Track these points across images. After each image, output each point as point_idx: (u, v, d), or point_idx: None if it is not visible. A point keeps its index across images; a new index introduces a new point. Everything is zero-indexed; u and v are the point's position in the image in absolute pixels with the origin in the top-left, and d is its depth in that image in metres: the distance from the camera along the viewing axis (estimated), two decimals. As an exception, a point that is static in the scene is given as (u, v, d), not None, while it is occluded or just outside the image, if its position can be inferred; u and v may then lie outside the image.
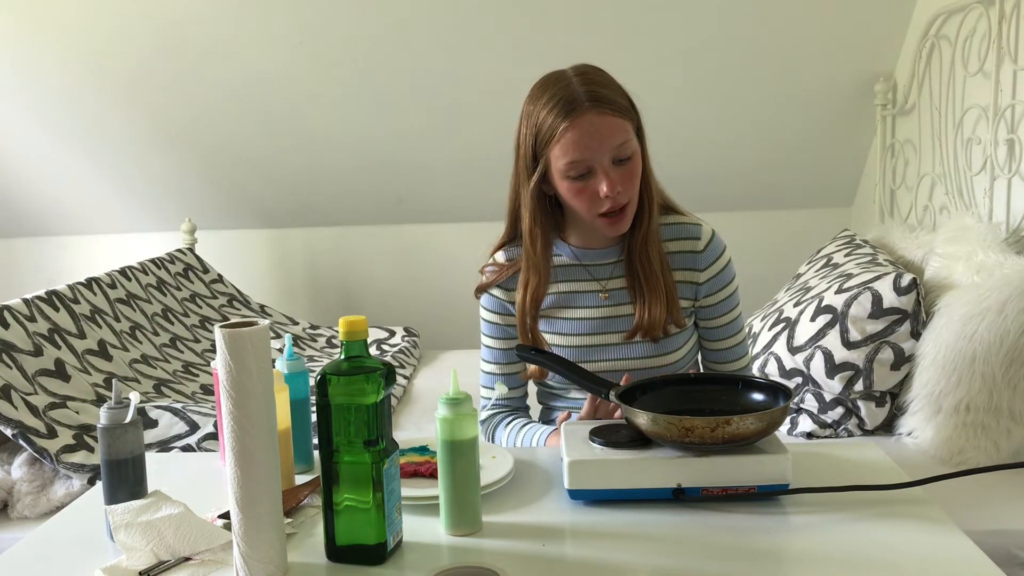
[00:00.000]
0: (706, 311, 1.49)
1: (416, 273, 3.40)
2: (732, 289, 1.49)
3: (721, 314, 1.49)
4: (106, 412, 1.07)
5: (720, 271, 1.46)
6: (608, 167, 1.33)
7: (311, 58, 2.81)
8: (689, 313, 1.48)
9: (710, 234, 1.47)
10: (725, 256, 1.47)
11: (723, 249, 1.47)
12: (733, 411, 1.09)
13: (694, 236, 1.46)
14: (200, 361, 2.54)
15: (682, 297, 1.46)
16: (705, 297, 1.47)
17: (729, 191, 3.16)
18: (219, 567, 0.99)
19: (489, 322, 1.53)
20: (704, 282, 1.46)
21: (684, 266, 1.45)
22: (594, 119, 1.31)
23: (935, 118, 2.56)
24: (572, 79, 1.35)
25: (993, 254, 1.91)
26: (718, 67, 2.80)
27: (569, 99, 1.32)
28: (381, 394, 0.98)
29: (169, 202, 3.31)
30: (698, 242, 1.45)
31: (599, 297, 1.47)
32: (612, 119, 1.32)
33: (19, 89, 2.93)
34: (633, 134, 1.36)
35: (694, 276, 1.45)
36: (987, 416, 1.74)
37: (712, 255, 1.46)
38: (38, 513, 1.74)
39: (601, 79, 1.36)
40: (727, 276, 1.48)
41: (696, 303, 1.48)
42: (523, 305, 1.46)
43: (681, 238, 1.46)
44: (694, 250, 1.45)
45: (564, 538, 1.06)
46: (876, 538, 1.01)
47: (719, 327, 1.50)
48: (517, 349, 1.44)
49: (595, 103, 1.31)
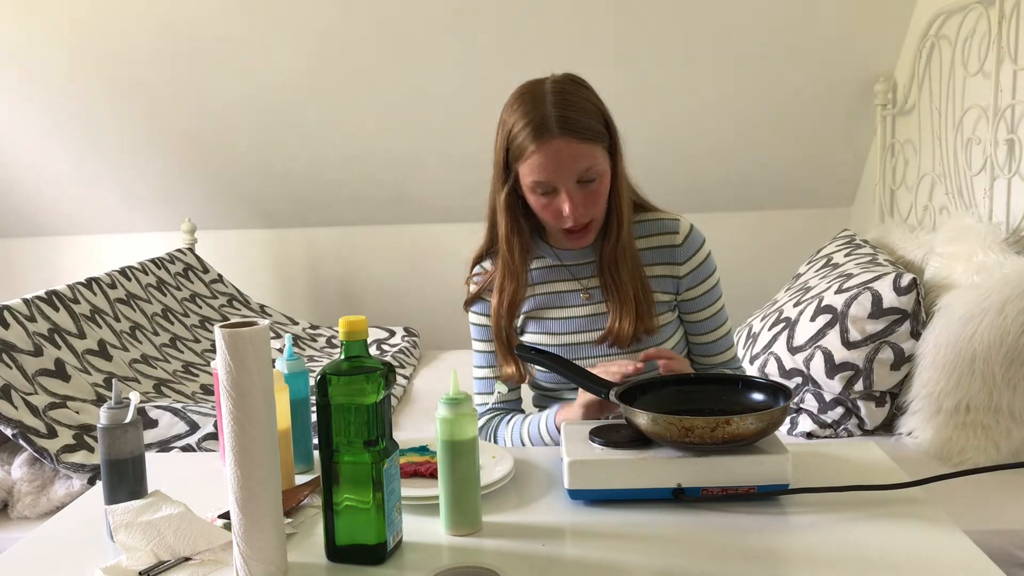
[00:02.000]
0: (688, 304, 1.50)
1: (416, 273, 3.40)
2: (713, 282, 1.50)
3: (704, 307, 1.50)
4: (106, 412, 1.07)
5: (700, 264, 1.47)
6: (572, 188, 1.35)
7: (312, 59, 2.81)
8: (672, 307, 1.49)
9: (688, 228, 1.48)
10: (704, 249, 1.48)
11: (702, 242, 1.48)
12: (733, 411, 1.09)
13: (672, 231, 1.47)
14: (200, 361, 2.54)
15: (663, 291, 1.47)
16: (687, 290, 1.48)
17: (729, 191, 3.16)
18: (219, 567, 0.99)
19: (480, 326, 1.54)
20: (684, 275, 1.47)
21: (663, 260, 1.47)
22: (560, 146, 1.32)
23: (935, 118, 2.56)
24: (547, 96, 1.35)
25: (993, 254, 1.91)
26: (718, 67, 2.80)
27: (539, 122, 1.33)
28: (381, 394, 0.98)
29: (169, 202, 3.31)
30: (676, 236, 1.47)
31: (580, 296, 1.48)
32: (579, 146, 1.33)
33: (20, 89, 2.93)
34: (602, 156, 1.36)
35: (674, 270, 1.47)
36: (987, 416, 1.74)
37: (691, 248, 1.47)
38: (38, 513, 1.74)
39: (576, 100, 1.35)
40: (707, 269, 1.49)
41: (677, 296, 1.49)
42: (498, 309, 1.47)
43: (658, 233, 1.47)
44: (672, 244, 1.46)
45: (564, 538, 1.06)
46: (876, 538, 1.01)
47: (702, 320, 1.51)
48: (517, 349, 1.44)
49: (563, 130, 1.32)
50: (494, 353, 1.53)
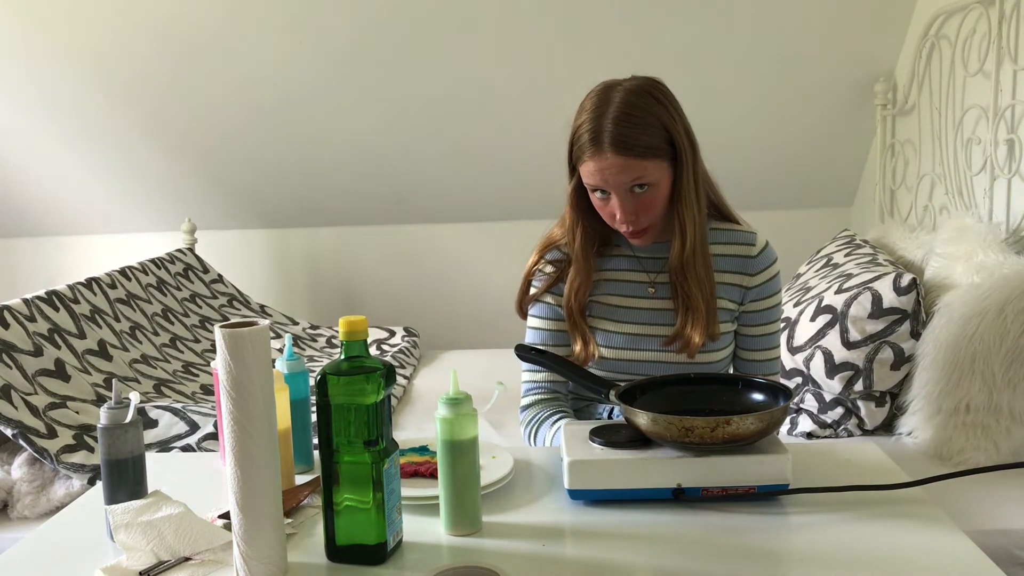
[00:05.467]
0: (749, 317, 1.52)
1: (416, 273, 3.40)
2: (776, 301, 1.53)
3: (762, 323, 1.52)
4: (106, 412, 1.07)
5: (769, 279, 1.51)
6: (623, 195, 1.38)
7: (312, 58, 2.81)
8: (734, 317, 1.51)
9: (764, 243, 1.51)
10: (775, 267, 1.52)
11: (774, 259, 1.52)
12: (733, 411, 1.10)
13: (748, 242, 1.50)
14: (200, 361, 2.54)
15: (729, 299, 1.49)
16: (751, 302, 1.51)
17: (729, 191, 3.13)
18: (219, 567, 0.99)
19: (541, 302, 1.54)
20: (753, 287, 1.50)
21: (736, 269, 1.49)
22: (612, 160, 1.35)
23: (935, 118, 2.56)
24: (612, 107, 1.36)
25: (993, 254, 1.91)
26: (718, 67, 2.80)
27: (596, 133, 1.36)
28: (381, 394, 0.98)
29: (169, 202, 3.31)
30: (752, 248, 1.50)
31: (647, 289, 1.50)
32: (630, 162, 1.35)
33: (20, 89, 2.93)
34: (657, 169, 1.37)
35: (744, 280, 1.49)
36: (987, 416, 1.74)
37: (764, 262, 1.50)
38: (38, 513, 1.74)
39: (639, 115, 1.36)
40: (774, 286, 1.52)
41: (742, 307, 1.51)
42: (569, 300, 1.49)
43: (735, 243, 1.50)
44: (747, 255, 1.50)
45: (564, 538, 1.06)
46: (876, 538, 1.01)
47: (757, 336, 1.53)
48: (517, 349, 1.43)
49: (615, 147, 1.34)
50: (550, 331, 1.52)
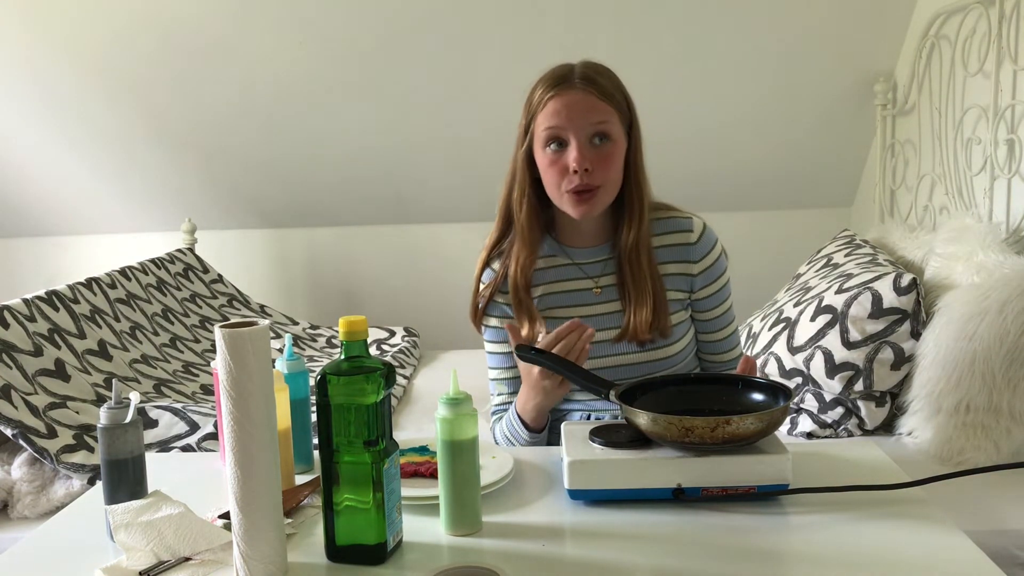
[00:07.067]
0: (700, 303, 1.51)
1: (416, 273, 3.39)
2: (724, 281, 1.52)
3: (714, 306, 1.52)
4: (106, 412, 1.07)
5: (714, 262, 1.49)
6: (583, 142, 1.37)
7: (312, 59, 2.81)
8: (685, 305, 1.50)
9: (702, 227, 1.50)
10: (718, 248, 1.50)
11: (715, 241, 1.50)
12: (733, 411, 1.10)
13: (686, 229, 1.48)
14: (200, 361, 2.54)
15: (677, 289, 1.48)
16: (700, 289, 1.50)
17: (729, 191, 3.16)
18: (219, 567, 0.99)
19: (492, 327, 1.54)
20: (698, 273, 1.48)
21: (678, 258, 1.48)
22: (578, 95, 1.37)
23: (935, 118, 2.56)
24: (575, 64, 1.42)
25: (993, 254, 1.91)
26: (718, 67, 2.80)
27: (562, 75, 1.40)
28: (381, 394, 0.98)
29: (169, 202, 3.31)
30: (691, 234, 1.48)
31: (593, 294, 1.49)
32: (596, 100, 1.37)
33: (20, 90, 2.93)
34: (618, 124, 1.39)
35: (688, 268, 1.48)
36: (987, 416, 1.74)
37: (705, 247, 1.48)
38: (38, 513, 1.74)
39: (603, 70, 1.42)
40: (720, 268, 1.51)
41: (691, 295, 1.50)
42: (515, 276, 1.47)
43: (674, 231, 1.48)
44: (687, 242, 1.48)
45: (564, 538, 1.06)
46: (876, 538, 1.01)
47: (712, 319, 1.53)
48: (517, 349, 1.43)
49: (584, 82, 1.37)
50: (509, 354, 1.52)
